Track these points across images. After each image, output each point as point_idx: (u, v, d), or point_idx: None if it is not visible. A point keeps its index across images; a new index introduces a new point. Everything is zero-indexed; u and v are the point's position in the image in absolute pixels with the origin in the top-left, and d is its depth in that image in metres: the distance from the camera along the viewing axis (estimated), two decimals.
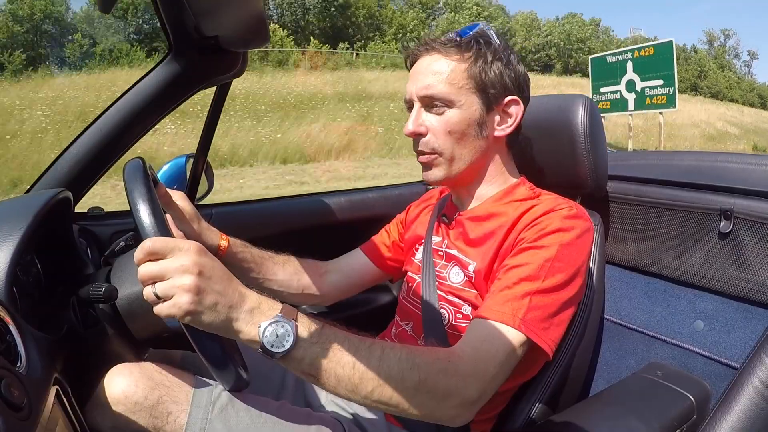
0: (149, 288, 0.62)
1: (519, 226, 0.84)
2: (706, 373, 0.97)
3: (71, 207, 1.03)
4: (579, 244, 0.82)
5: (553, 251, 0.79)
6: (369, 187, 1.73)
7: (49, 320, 0.77)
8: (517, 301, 0.76)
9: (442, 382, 0.68)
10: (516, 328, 0.74)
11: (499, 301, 0.77)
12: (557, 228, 0.81)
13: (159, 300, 0.61)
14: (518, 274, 0.78)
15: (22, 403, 0.51)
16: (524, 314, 0.75)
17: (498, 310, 0.76)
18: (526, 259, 0.79)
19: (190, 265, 0.60)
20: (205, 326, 0.62)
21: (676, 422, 0.86)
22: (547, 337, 0.76)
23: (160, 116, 1.11)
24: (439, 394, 0.68)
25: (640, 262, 1.14)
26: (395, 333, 1.00)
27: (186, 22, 0.93)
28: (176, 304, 0.60)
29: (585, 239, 0.83)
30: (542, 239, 0.80)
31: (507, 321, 0.74)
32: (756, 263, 0.94)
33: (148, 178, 0.75)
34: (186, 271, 0.60)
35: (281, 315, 0.63)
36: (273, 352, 0.62)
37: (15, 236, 0.75)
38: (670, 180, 1.11)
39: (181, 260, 0.61)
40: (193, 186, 1.33)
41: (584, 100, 1.03)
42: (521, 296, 0.76)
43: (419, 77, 0.89)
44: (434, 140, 0.89)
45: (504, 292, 0.77)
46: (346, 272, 1.15)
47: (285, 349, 0.62)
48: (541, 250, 0.79)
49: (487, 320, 0.76)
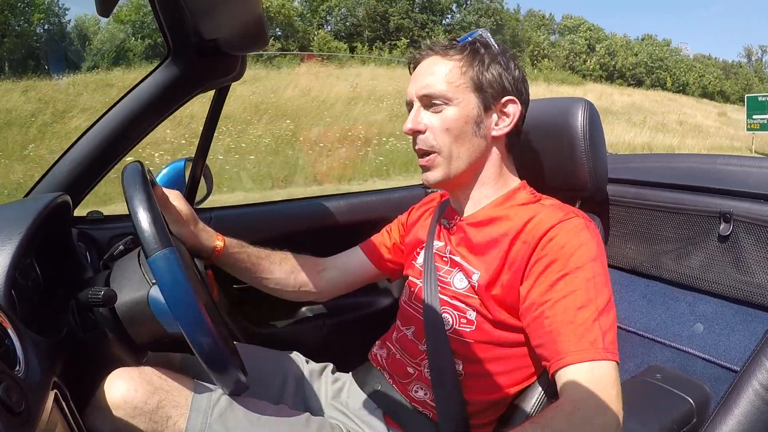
0: None
1: (526, 237, 0.83)
2: (706, 376, 0.97)
3: (70, 211, 1.03)
4: (601, 253, 0.82)
5: (589, 270, 0.78)
6: (369, 191, 1.73)
7: (48, 324, 0.77)
8: (590, 333, 0.73)
9: (586, 431, 0.67)
10: (603, 359, 0.72)
11: (572, 340, 0.74)
12: (578, 243, 0.80)
13: None
14: (572, 305, 0.76)
15: (20, 408, 0.51)
16: (603, 341, 0.73)
17: (578, 349, 0.73)
18: (570, 287, 0.77)
19: None
20: None
21: (675, 425, 0.85)
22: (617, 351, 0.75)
23: (158, 119, 1.11)
24: None
25: (640, 265, 1.14)
26: (396, 338, 1.00)
27: (185, 24, 0.94)
28: None
29: (602, 245, 0.83)
30: (571, 261, 0.79)
31: (593, 356, 0.72)
32: (755, 266, 0.94)
33: (147, 181, 0.75)
34: None
35: None
36: None
37: (14, 240, 0.74)
38: (669, 183, 1.11)
39: None
40: (192, 189, 1.32)
41: (584, 104, 1.03)
42: (590, 324, 0.74)
43: (419, 78, 0.91)
44: (432, 137, 0.90)
45: (569, 327, 0.75)
46: (343, 270, 1.15)
47: None
48: (577, 272, 0.78)
49: (573, 365, 0.73)
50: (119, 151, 1.09)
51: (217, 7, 0.81)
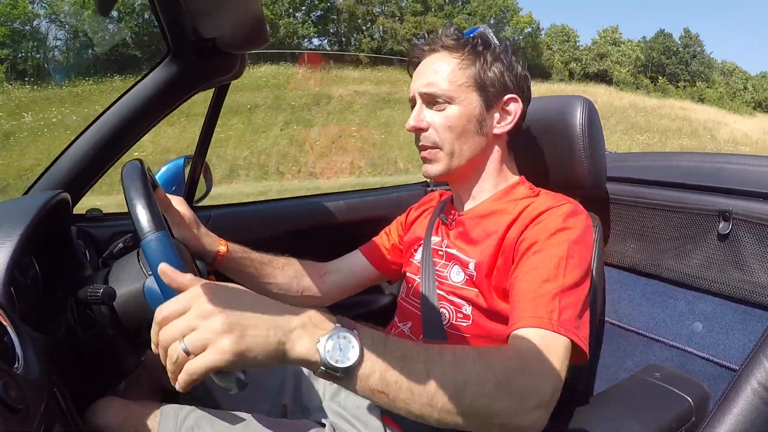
0: (175, 348, 0.52)
1: (519, 223, 0.85)
2: (705, 375, 0.97)
3: (69, 208, 1.03)
4: (585, 240, 0.82)
5: (563, 249, 0.78)
6: (368, 189, 1.73)
7: (47, 322, 0.77)
8: (548, 304, 0.73)
9: (519, 381, 0.63)
10: (555, 331, 0.71)
11: (528, 306, 0.74)
12: (562, 226, 0.81)
13: (190, 356, 0.51)
14: (538, 277, 0.76)
15: (19, 405, 0.51)
16: (559, 316, 0.72)
17: (532, 315, 0.72)
18: (541, 262, 0.78)
19: (210, 307, 0.52)
20: (260, 362, 0.52)
21: (674, 424, 0.86)
22: (582, 335, 0.74)
23: (158, 118, 1.11)
24: (518, 395, 0.62)
25: (639, 263, 1.14)
26: (393, 334, 1.00)
27: (184, 23, 0.93)
28: (217, 350, 0.50)
29: (589, 234, 0.84)
30: (550, 239, 0.80)
31: (545, 325, 0.71)
32: (755, 264, 0.94)
33: (147, 179, 0.75)
34: (210, 314, 0.51)
35: (340, 325, 0.55)
36: (337, 368, 0.53)
37: (13, 237, 0.75)
38: (669, 181, 1.11)
39: (197, 305, 0.52)
40: (192, 188, 1.33)
41: (583, 101, 1.03)
42: (550, 298, 0.73)
43: (421, 76, 0.92)
44: (435, 135, 0.91)
45: (530, 296, 0.75)
46: (345, 273, 1.16)
47: (351, 363, 0.53)
48: (552, 249, 0.79)
49: (526, 329, 0.72)
50: (118, 149, 1.09)
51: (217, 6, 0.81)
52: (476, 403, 0.60)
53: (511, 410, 0.62)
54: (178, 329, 0.52)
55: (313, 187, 7.94)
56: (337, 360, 0.53)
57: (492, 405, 0.60)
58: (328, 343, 0.53)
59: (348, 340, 0.54)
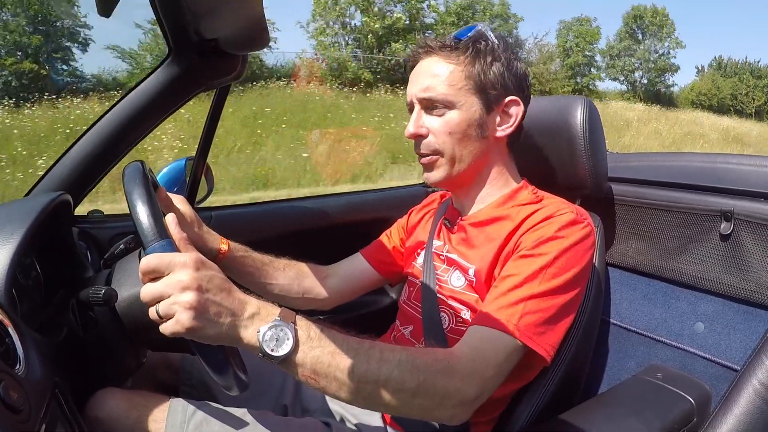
0: (153, 309, 0.61)
1: (520, 232, 0.84)
2: (707, 375, 0.97)
3: (71, 210, 1.03)
4: (577, 250, 0.82)
5: (549, 258, 0.79)
6: (369, 190, 1.74)
7: (49, 323, 0.77)
8: (511, 308, 0.76)
9: (441, 383, 0.68)
10: (510, 333, 0.74)
11: (493, 308, 0.77)
12: (554, 235, 0.81)
13: (162, 320, 0.61)
14: (512, 282, 0.79)
15: (21, 406, 0.51)
16: (518, 320, 0.75)
17: (493, 317, 0.76)
18: (521, 268, 0.79)
19: (188, 281, 0.60)
20: (210, 339, 0.61)
21: (676, 425, 0.85)
22: (544, 341, 0.76)
23: (159, 119, 1.11)
24: (438, 395, 0.68)
25: (641, 264, 1.14)
26: (394, 337, 1.00)
27: (186, 24, 0.93)
28: (179, 321, 0.59)
29: (584, 244, 0.83)
30: (540, 247, 0.80)
31: (501, 327, 0.75)
32: (756, 265, 0.94)
33: (148, 180, 0.75)
34: (185, 288, 0.59)
35: (280, 319, 0.63)
36: (273, 356, 0.61)
37: (15, 239, 0.75)
38: (670, 182, 1.10)
39: (178, 276, 0.60)
40: (193, 189, 1.33)
41: (583, 102, 1.03)
42: (515, 303, 0.76)
43: (418, 80, 0.90)
44: (435, 141, 0.89)
45: (498, 299, 0.78)
46: (346, 276, 1.15)
47: (285, 353, 0.62)
48: (538, 258, 0.79)
49: (483, 327, 0.76)
50: (120, 150, 1.10)
51: (218, 6, 0.81)
52: (395, 400, 0.67)
53: (430, 407, 0.69)
54: (155, 293, 0.60)
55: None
56: (272, 349, 0.61)
57: (410, 402, 0.68)
58: (267, 334, 0.61)
59: (285, 333, 0.62)
